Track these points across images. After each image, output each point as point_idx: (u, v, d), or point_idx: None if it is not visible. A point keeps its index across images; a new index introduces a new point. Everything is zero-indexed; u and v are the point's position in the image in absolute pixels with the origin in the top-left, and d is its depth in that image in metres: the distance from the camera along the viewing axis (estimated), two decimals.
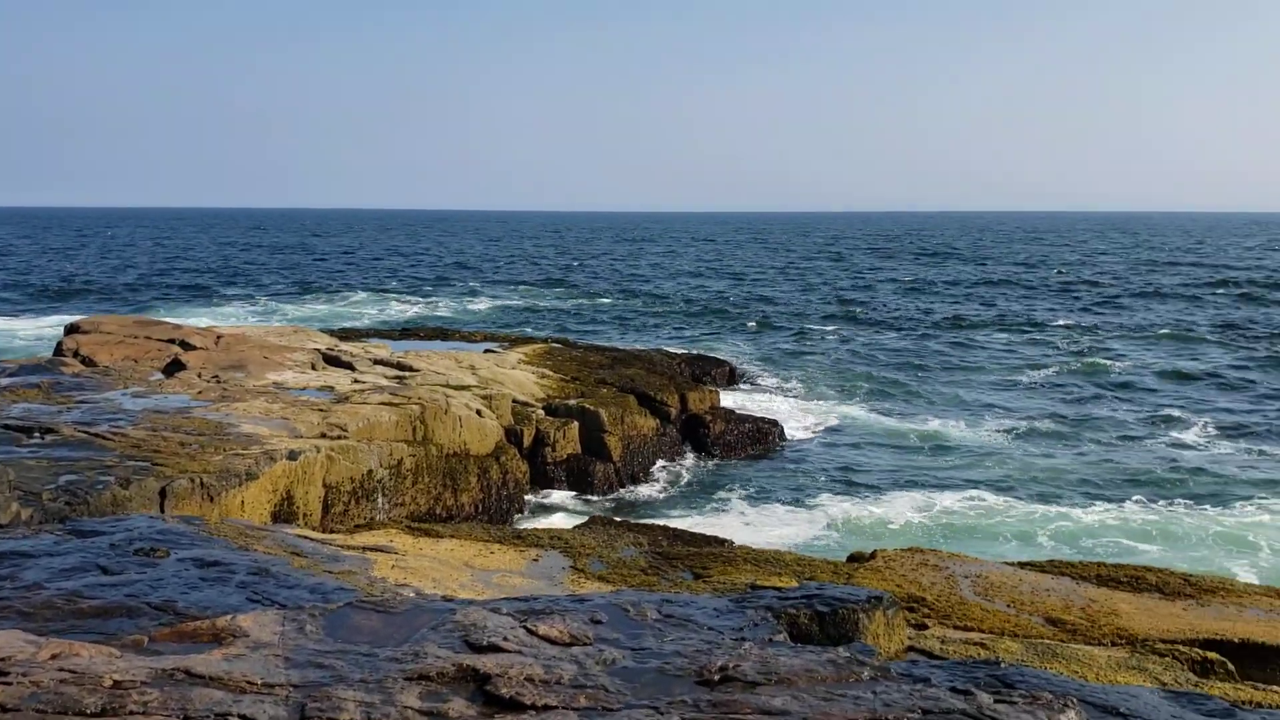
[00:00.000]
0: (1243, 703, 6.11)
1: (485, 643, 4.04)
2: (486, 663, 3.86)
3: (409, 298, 60.30)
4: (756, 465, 22.55)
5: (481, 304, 56.98)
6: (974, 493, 20.17)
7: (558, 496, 19.23)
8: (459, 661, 3.88)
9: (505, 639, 4.08)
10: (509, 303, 57.80)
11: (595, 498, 19.45)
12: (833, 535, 17.54)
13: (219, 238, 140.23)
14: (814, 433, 25.47)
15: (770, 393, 30.60)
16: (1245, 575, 15.06)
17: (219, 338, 21.43)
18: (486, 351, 25.23)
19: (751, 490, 20.47)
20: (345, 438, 14.99)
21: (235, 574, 6.32)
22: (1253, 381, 32.12)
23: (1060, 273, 77.51)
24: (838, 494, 20.28)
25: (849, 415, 27.62)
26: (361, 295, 60.74)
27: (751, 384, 31.65)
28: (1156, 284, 68.27)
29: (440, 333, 31.03)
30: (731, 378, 31.11)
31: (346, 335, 28.81)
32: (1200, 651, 8.02)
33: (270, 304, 55.65)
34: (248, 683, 3.81)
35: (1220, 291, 62.72)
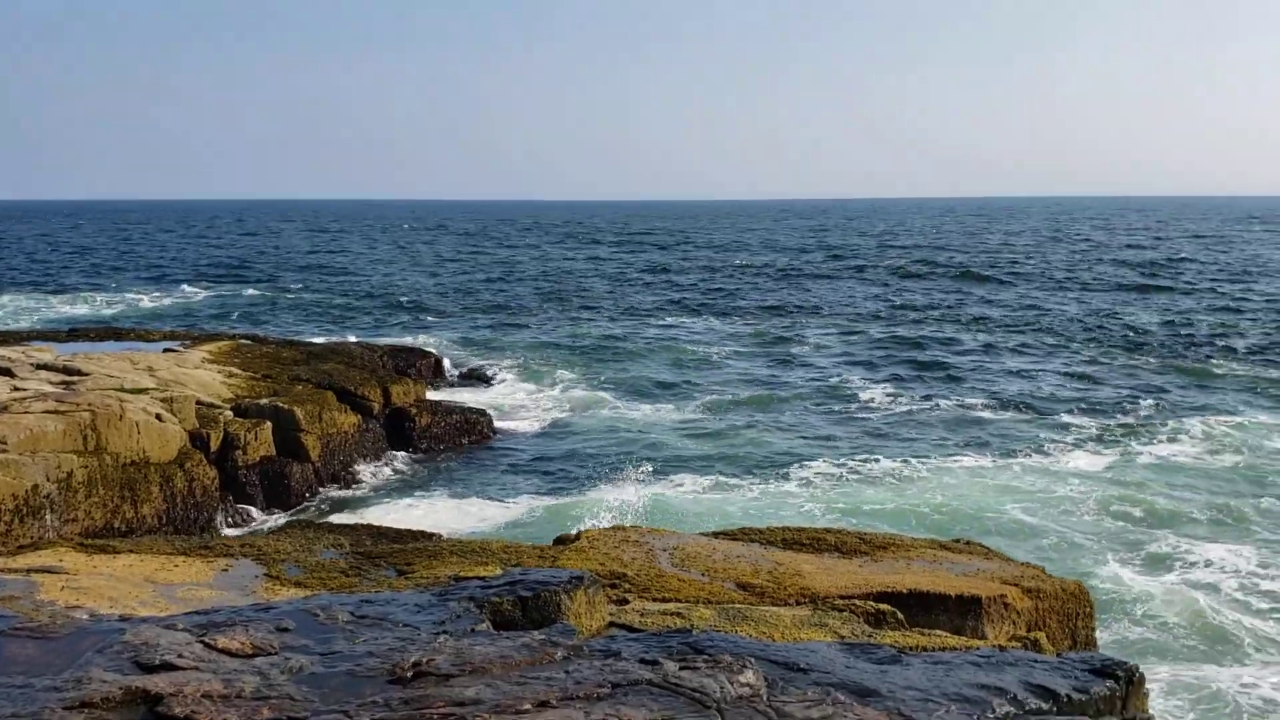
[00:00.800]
0: (910, 648, 6.66)
1: (157, 661, 3.76)
2: (159, 683, 3.59)
3: (74, 295, 54.87)
4: (465, 457, 22.39)
5: (160, 300, 52.89)
6: (677, 470, 20.93)
7: (250, 502, 18.26)
8: (127, 684, 3.59)
9: (180, 656, 3.81)
10: (190, 298, 54.09)
11: (293, 501, 18.65)
12: (541, 521, 17.68)
13: None
14: (523, 420, 25.60)
15: (479, 382, 30.46)
16: (913, 529, 16.46)
17: None
18: (166, 351, 23.60)
19: (460, 482, 20.31)
20: (5, 451, 13.65)
21: None
22: (914, 360, 35.19)
23: (744, 263, 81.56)
24: (547, 479, 20.48)
25: (557, 401, 27.96)
26: (13, 294, 54.85)
27: (460, 374, 31.33)
28: (835, 267, 73.51)
29: (113, 333, 28.67)
30: (438, 369, 30.59)
31: (3, 339, 26.09)
32: (874, 604, 8.70)
33: None
34: None
35: (889, 271, 68.35)
